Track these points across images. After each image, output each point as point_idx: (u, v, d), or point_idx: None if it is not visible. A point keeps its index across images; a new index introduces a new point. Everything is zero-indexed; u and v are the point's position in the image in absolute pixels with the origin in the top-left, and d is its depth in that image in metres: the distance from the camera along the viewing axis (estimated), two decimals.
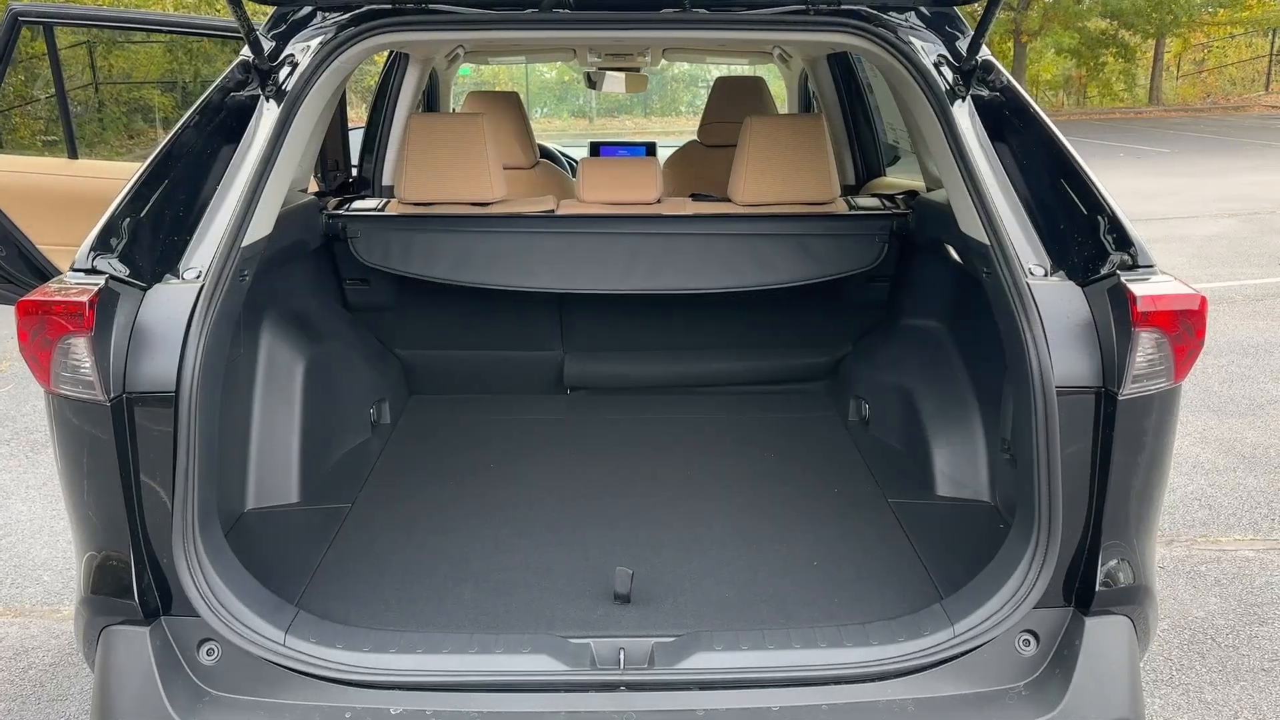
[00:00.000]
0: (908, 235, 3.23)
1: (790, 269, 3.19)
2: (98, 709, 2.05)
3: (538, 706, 2.01)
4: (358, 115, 5.47)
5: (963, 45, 2.49)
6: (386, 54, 4.35)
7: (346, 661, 2.06)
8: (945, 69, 2.45)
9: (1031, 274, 2.15)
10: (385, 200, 3.43)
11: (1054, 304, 2.08)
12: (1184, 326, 2.01)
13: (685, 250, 3.18)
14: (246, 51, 2.42)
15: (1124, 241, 2.10)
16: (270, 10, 2.67)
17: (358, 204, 3.39)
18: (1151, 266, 2.07)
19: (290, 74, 2.44)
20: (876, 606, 2.28)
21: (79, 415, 2.01)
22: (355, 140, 4.40)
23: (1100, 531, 2.07)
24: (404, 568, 2.48)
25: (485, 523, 2.71)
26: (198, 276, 2.11)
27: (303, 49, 2.50)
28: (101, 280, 2.00)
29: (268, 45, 2.49)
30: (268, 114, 2.39)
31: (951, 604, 2.15)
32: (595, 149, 5.79)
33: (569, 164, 6.37)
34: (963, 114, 2.39)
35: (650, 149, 5.62)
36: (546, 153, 5.68)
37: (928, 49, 2.48)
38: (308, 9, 2.61)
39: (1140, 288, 1.99)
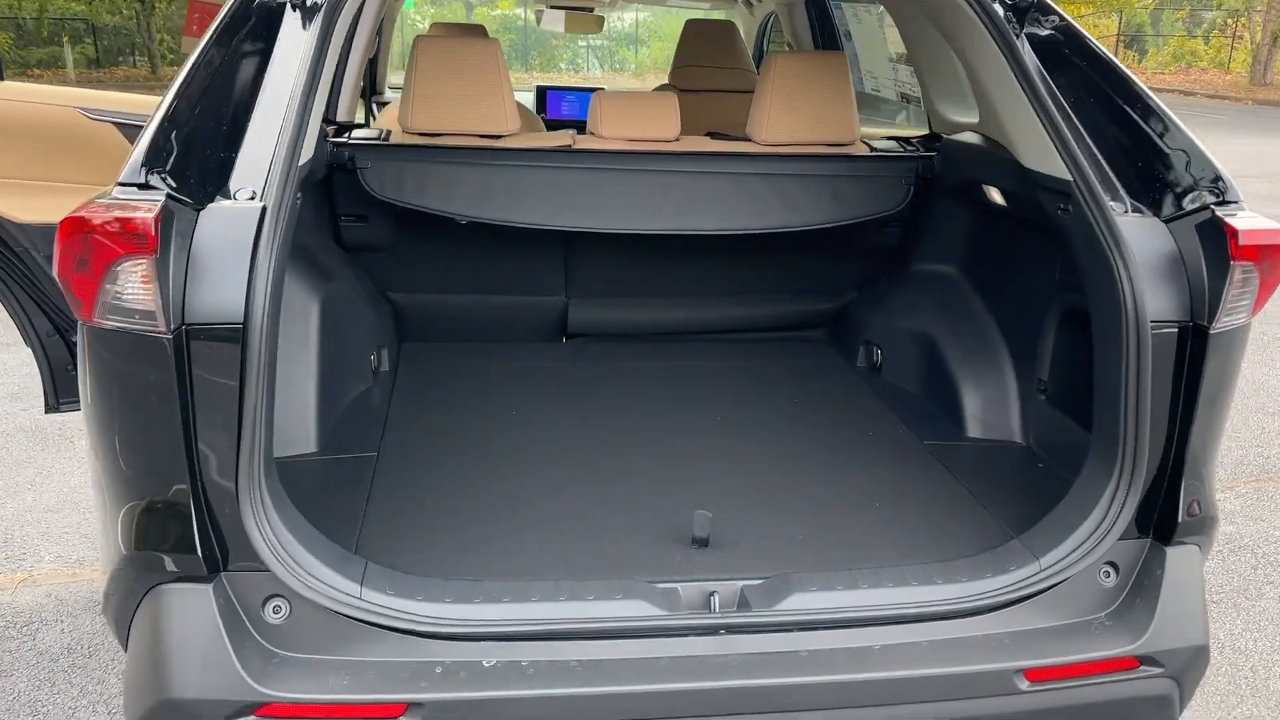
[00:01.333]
0: (930, 179, 3.22)
1: (818, 211, 3.14)
2: (149, 679, 1.84)
3: (639, 653, 1.92)
4: None
5: None
6: None
7: (432, 614, 1.91)
8: (997, 5, 2.43)
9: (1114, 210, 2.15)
10: (382, 130, 3.19)
11: (1140, 239, 2.10)
12: (1268, 261, 2.05)
13: (712, 190, 3.09)
14: None
15: (1211, 177, 2.13)
16: None
17: (359, 133, 3.14)
18: (1239, 202, 2.11)
19: None
20: (950, 544, 2.28)
21: (131, 350, 1.78)
22: None
23: (1182, 463, 2.11)
24: (453, 517, 2.33)
25: (524, 470, 2.58)
26: (251, 196, 1.88)
27: None
28: (161, 196, 1.76)
29: None
30: (303, 23, 2.16)
31: (1032, 539, 2.16)
32: (542, 93, 5.59)
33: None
34: (1024, 49, 2.37)
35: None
36: None
37: None
38: None
39: (1237, 222, 2.02)
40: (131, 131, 3.59)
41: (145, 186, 1.79)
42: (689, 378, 3.26)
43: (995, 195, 2.80)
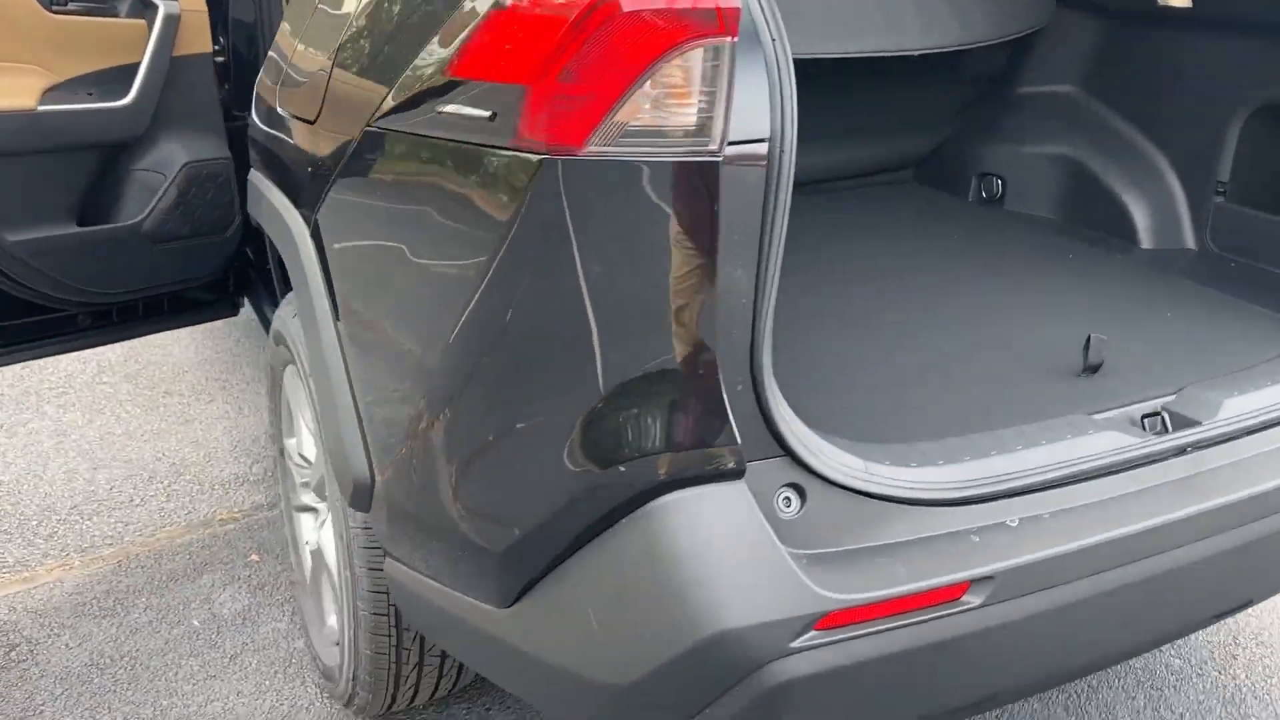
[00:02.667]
0: None
1: (1004, 21, 2.90)
2: (670, 616, 1.39)
3: (1137, 485, 1.74)
4: None
5: None
6: None
7: (941, 479, 1.60)
8: None
9: None
10: None
11: None
12: None
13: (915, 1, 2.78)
14: None
15: None
16: None
17: None
18: None
19: None
20: (1258, 332, 2.25)
21: (651, 184, 1.27)
22: None
23: None
24: (823, 376, 1.98)
25: (833, 322, 2.25)
26: None
27: None
28: None
29: None
30: None
31: None
32: None
33: None
34: None
35: None
36: None
37: None
38: None
39: None
40: None
41: None
42: (833, 228, 2.99)
43: None
